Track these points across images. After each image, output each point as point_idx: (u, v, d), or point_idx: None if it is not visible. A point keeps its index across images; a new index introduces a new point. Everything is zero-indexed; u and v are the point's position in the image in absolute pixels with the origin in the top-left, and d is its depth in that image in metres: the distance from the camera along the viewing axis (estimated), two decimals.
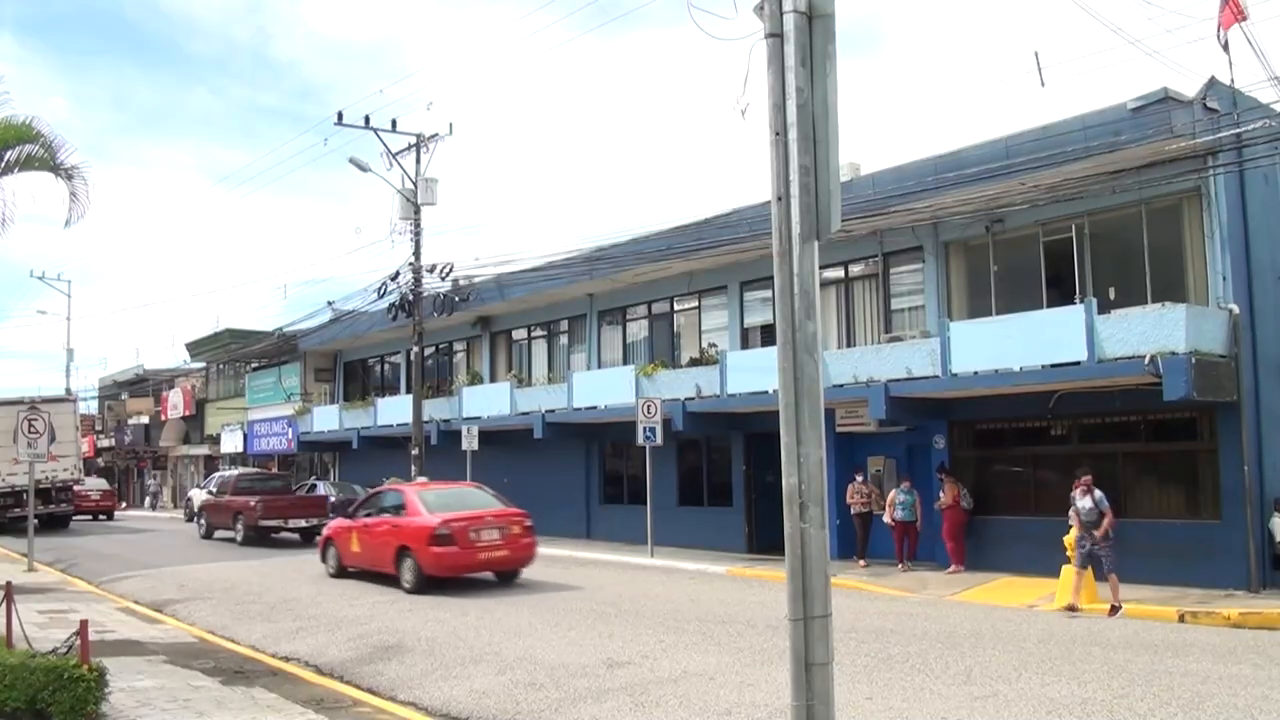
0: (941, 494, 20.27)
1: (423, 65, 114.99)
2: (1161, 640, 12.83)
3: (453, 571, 18.77)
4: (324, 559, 21.83)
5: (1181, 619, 14.56)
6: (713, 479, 26.72)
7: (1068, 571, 15.82)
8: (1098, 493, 15.46)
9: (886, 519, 20.79)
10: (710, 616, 14.86)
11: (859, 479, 21.54)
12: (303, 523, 30.20)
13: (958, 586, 18.10)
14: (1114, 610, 14.94)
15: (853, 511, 21.38)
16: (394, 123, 32.38)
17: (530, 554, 20.04)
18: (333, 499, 32.82)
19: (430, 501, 19.84)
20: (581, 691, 10.02)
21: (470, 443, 29.36)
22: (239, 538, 30.05)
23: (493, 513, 19.84)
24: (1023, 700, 9.42)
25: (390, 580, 19.17)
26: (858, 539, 21.34)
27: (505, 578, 19.86)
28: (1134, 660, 11.41)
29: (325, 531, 22.71)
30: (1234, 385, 17.08)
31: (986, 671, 10.76)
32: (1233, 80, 17.19)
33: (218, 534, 31.72)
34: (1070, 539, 15.83)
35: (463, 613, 15.40)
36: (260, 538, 29.71)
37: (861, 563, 20.96)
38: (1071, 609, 15.19)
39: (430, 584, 18.45)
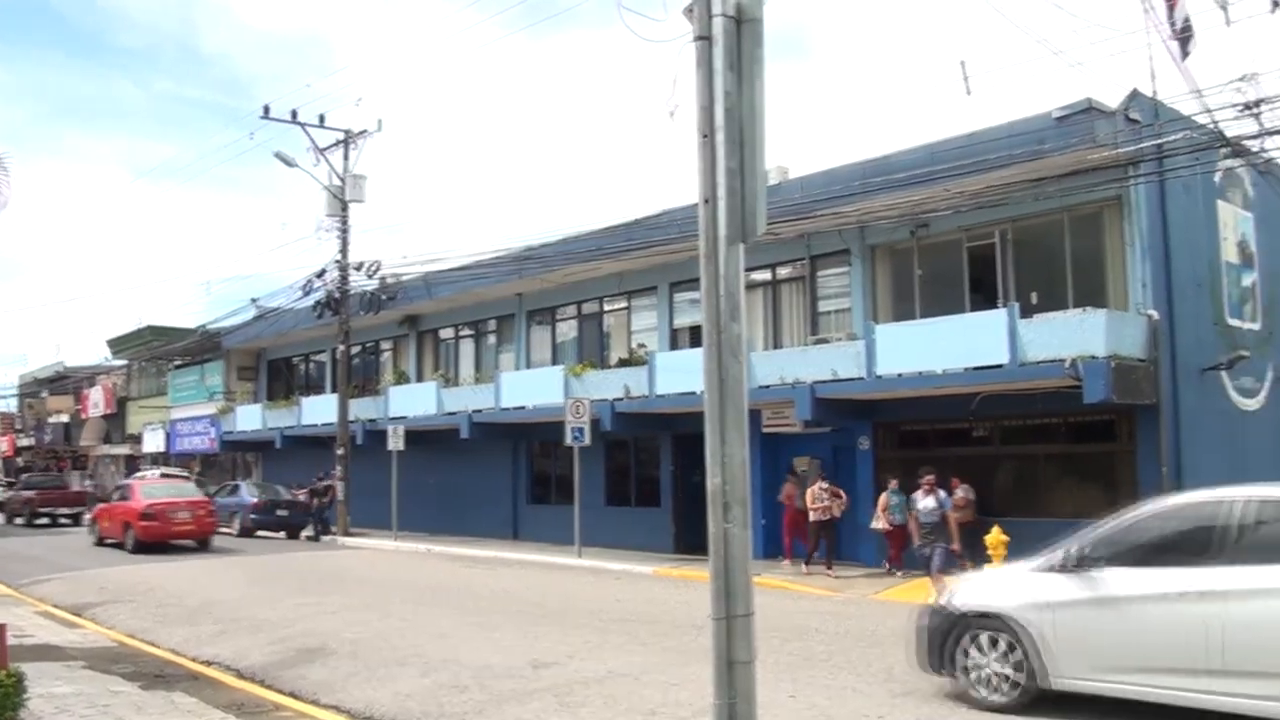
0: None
1: (352, 60, 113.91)
2: None
3: (156, 538, 26.49)
4: (91, 533, 30.24)
5: None
6: (641, 479, 26.76)
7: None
8: (941, 493, 15.22)
9: (880, 525, 19.53)
10: (636, 616, 14.88)
11: (823, 483, 20.36)
12: (67, 509, 40.12)
13: (881, 586, 18.27)
14: None
15: (811, 518, 20.25)
16: (322, 118, 32.15)
17: (211, 529, 28.04)
18: (255, 500, 32.82)
19: (146, 491, 28.25)
20: (506, 693, 9.98)
21: (396, 443, 29.14)
22: (22, 520, 39.48)
23: (186, 500, 28.21)
24: (942, 698, 9.54)
25: (166, 548, 26.30)
26: (814, 547, 20.32)
27: (202, 544, 27.50)
28: None
29: (91, 514, 32.04)
30: (1153, 389, 17.44)
31: (908, 669, 10.86)
32: (1155, 92, 17.54)
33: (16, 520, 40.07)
34: (993, 538, 16.02)
35: (386, 614, 15.27)
36: (51, 522, 39.29)
37: (833, 572, 19.65)
38: None
39: (144, 548, 26.12)
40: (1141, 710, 8.37)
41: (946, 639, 9.42)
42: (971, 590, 9.68)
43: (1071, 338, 16.95)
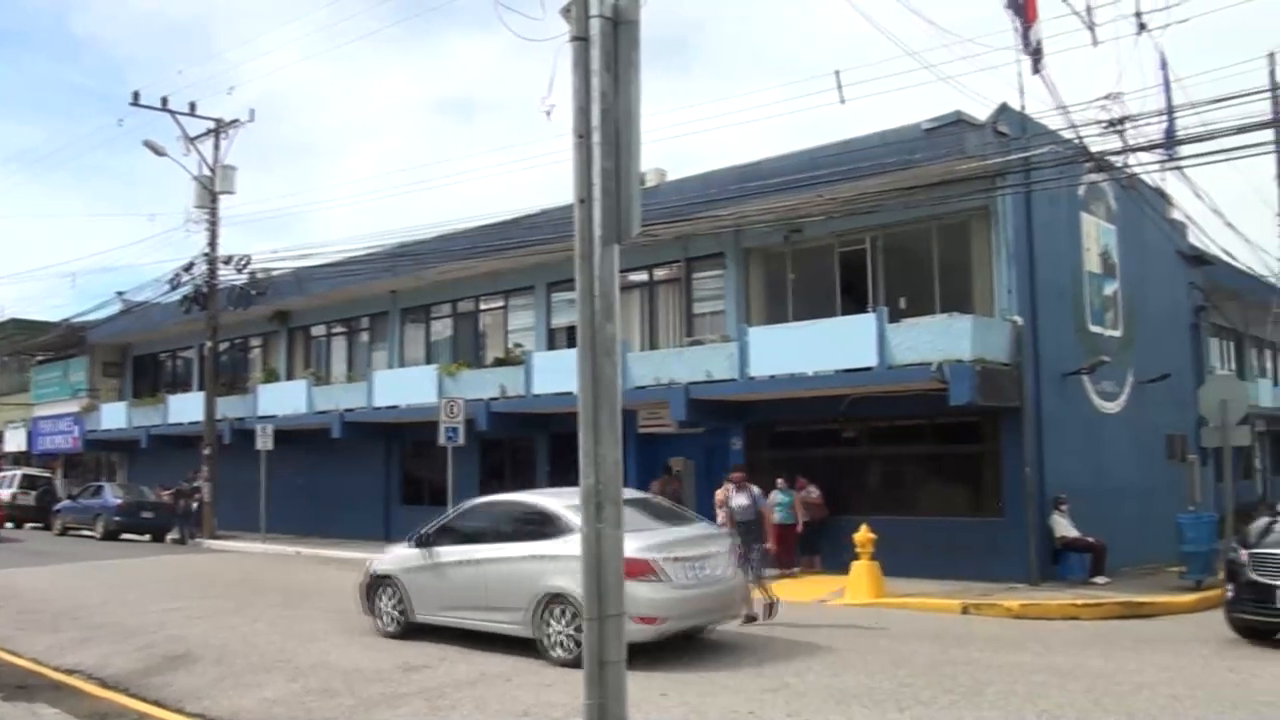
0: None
1: (227, 48, 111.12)
2: (946, 631, 13.41)
3: None
4: None
5: (965, 611, 15.20)
6: (516, 479, 26.56)
7: (858, 567, 16.29)
8: (755, 489, 14.94)
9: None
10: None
11: (730, 485, 20.19)
12: None
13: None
14: (770, 609, 13.97)
15: (719, 521, 19.62)
16: (193, 106, 31.42)
17: None
18: (119, 501, 32.00)
19: None
20: (375, 697, 9.86)
21: (264, 442, 28.54)
22: None
23: None
24: (813, 692, 9.69)
25: None
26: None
27: None
28: (919, 651, 11.86)
29: None
30: (1017, 392, 17.98)
31: (778, 665, 11.04)
32: (1023, 106, 18.06)
33: None
34: (861, 536, 16.30)
35: (254, 619, 14.97)
36: None
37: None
38: (750, 619, 13.74)
39: None
40: (462, 634, 12.57)
41: (372, 592, 13.76)
42: (381, 560, 13.99)
43: (938, 342, 17.41)
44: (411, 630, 13.11)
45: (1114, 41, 15.85)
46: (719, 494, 19.65)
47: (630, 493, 13.00)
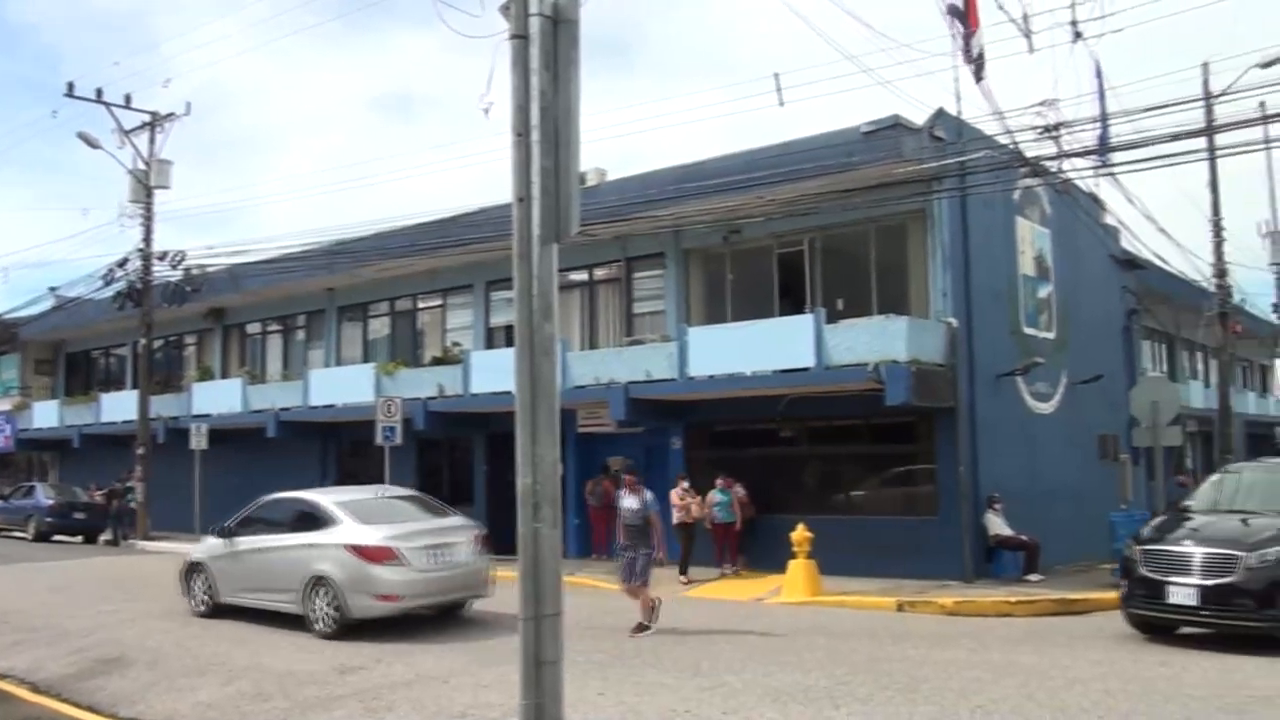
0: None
1: (164, 40, 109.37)
2: (882, 629, 13.52)
3: None
4: None
5: (900, 608, 15.34)
6: (454, 479, 26.50)
7: (795, 566, 16.38)
8: (648, 493, 13.95)
9: (704, 523, 19.33)
10: (447, 618, 14.71)
11: (684, 484, 19.68)
12: None
13: (706, 583, 18.43)
14: (642, 629, 13.27)
15: (675, 521, 18.94)
16: (128, 98, 30.92)
17: None
18: (51, 502, 31.54)
19: None
20: (311, 700, 9.77)
21: (199, 441, 28.20)
22: None
23: None
24: (749, 690, 9.73)
25: None
26: (683, 553, 18.94)
27: None
28: (856, 649, 11.96)
29: None
30: (951, 392, 18.17)
31: (715, 664, 11.07)
32: (960, 112, 18.25)
33: None
34: (798, 535, 16.40)
35: (187, 621, 14.79)
36: None
37: (684, 579, 18.58)
38: (641, 628, 13.29)
39: None
40: (400, 633, 13.14)
41: (189, 578, 15.53)
42: (196, 549, 15.97)
43: (875, 343, 17.57)
44: (219, 610, 14.91)
45: (1050, 49, 16.05)
46: (673, 495, 19.65)
47: (401, 490, 16.43)
